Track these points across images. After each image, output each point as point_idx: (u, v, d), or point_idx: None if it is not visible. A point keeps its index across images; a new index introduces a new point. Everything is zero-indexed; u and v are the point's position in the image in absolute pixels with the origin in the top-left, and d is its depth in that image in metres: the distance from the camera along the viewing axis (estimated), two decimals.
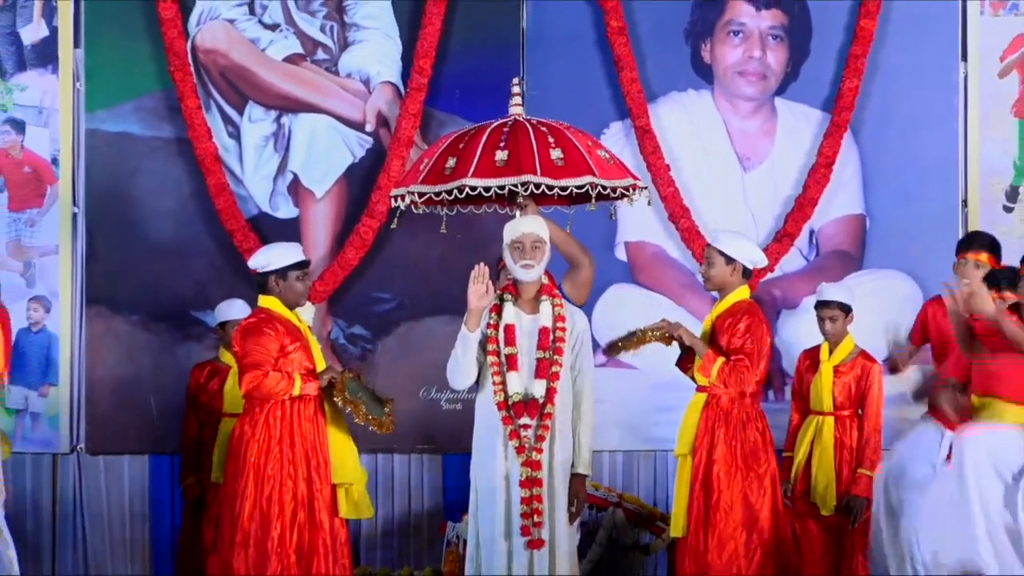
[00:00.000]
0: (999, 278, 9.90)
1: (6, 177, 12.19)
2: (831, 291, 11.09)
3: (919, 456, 10.54)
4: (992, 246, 10.38)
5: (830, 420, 10.89)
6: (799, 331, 11.73)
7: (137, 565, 12.23)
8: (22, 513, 12.15)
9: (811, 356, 11.04)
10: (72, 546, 12.23)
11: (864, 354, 11.00)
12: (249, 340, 10.04)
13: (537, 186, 9.48)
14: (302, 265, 10.25)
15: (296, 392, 10.03)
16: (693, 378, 10.27)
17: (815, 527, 10.98)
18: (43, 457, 12.19)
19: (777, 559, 10.17)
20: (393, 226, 10.27)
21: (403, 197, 9.97)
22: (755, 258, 10.31)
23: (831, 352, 10.98)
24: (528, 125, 9.84)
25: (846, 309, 10.95)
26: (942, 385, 9.57)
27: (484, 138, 9.80)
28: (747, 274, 10.14)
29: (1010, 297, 9.44)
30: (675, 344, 10.34)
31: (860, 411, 11.07)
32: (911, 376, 11.35)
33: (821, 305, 10.99)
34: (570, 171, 9.59)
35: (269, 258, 10.20)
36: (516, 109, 10.05)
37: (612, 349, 10.35)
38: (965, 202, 12.14)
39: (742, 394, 10.02)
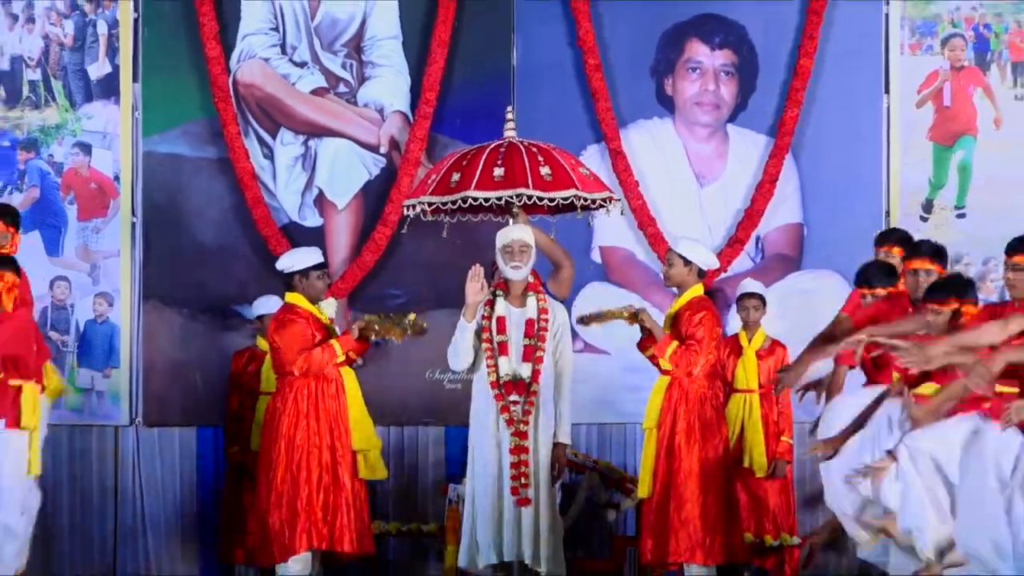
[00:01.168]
0: (870, 277, 9.58)
1: (76, 192, 12.10)
2: (753, 285, 11.34)
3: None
4: (937, 254, 9.66)
5: (756, 397, 11.01)
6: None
7: (188, 520, 12.12)
8: (88, 476, 12.11)
9: (730, 344, 11.11)
10: (131, 506, 12.12)
11: (776, 341, 11.13)
12: (286, 332, 10.13)
13: (529, 197, 9.57)
14: (321, 266, 10.36)
15: (340, 356, 10.16)
16: (650, 358, 10.24)
17: (745, 487, 10.95)
18: (106, 429, 12.09)
19: (728, 516, 10.14)
20: (404, 230, 10.36)
21: (415, 207, 10.04)
22: (709, 261, 10.36)
23: (749, 340, 11.09)
24: (521, 146, 9.95)
25: (764, 300, 11.11)
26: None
27: (484, 157, 9.93)
28: (702, 274, 10.15)
29: (880, 292, 9.36)
30: (636, 326, 10.24)
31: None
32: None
33: (745, 296, 11.18)
34: (558, 185, 9.71)
35: (293, 260, 10.31)
36: (510, 132, 10.18)
37: (583, 320, 10.33)
38: (888, 213, 12.10)
39: (689, 374, 10.00)
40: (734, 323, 11.49)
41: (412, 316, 10.31)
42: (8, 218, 10.45)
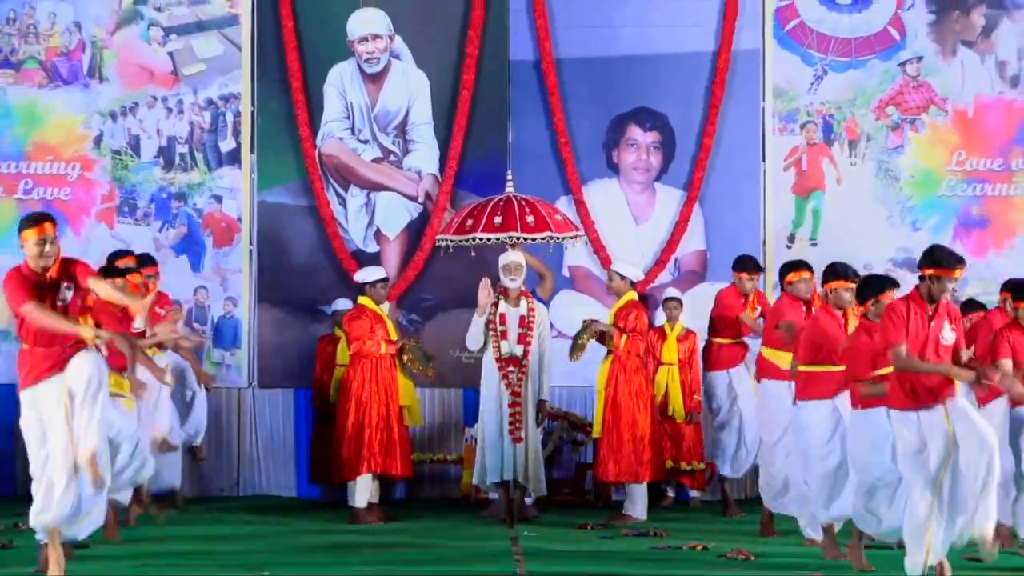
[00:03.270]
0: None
1: (211, 228, 12.03)
2: (673, 292, 11.44)
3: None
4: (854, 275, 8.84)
5: (676, 368, 11.08)
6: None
7: (287, 451, 12.13)
8: (222, 421, 12.00)
9: (658, 332, 11.14)
10: (249, 441, 12.11)
11: (689, 330, 11.20)
12: (355, 324, 10.39)
13: (519, 238, 10.05)
14: (384, 280, 10.63)
15: (383, 352, 10.28)
16: (605, 344, 10.39)
17: (668, 429, 11.04)
18: (233, 390, 12.07)
19: (654, 452, 10.41)
20: (442, 255, 10.66)
21: (443, 242, 10.46)
22: (636, 275, 10.69)
23: (671, 329, 11.15)
24: (514, 200, 10.36)
25: (681, 302, 11.20)
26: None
27: (488, 208, 10.35)
28: (633, 284, 10.44)
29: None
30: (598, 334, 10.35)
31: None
32: None
33: (668, 300, 11.23)
34: (538, 228, 10.16)
35: (365, 275, 10.61)
36: (509, 189, 10.52)
37: (573, 353, 10.41)
38: (764, 243, 12.01)
39: (629, 353, 10.23)
40: (661, 317, 11.31)
41: (432, 363, 10.53)
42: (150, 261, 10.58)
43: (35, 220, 7.35)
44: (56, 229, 7.38)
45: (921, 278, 7.38)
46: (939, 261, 7.31)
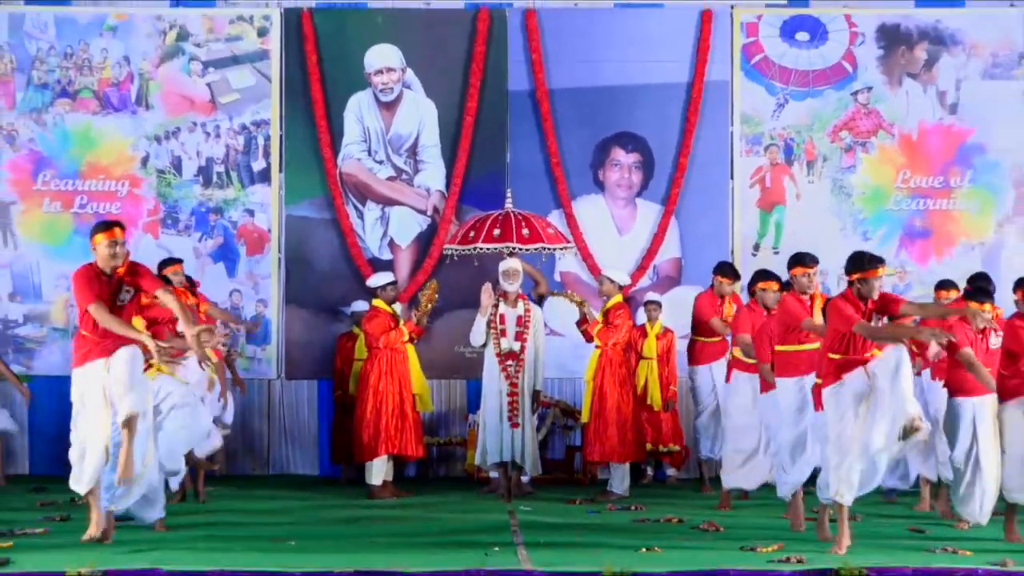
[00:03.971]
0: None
1: (245, 239, 12.00)
2: (653, 295, 11.37)
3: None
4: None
5: (655, 362, 11.04)
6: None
7: (310, 435, 12.07)
8: (254, 407, 11.97)
9: (640, 330, 11.08)
10: (278, 426, 12.08)
11: (668, 328, 11.16)
12: (372, 323, 10.46)
13: (515, 249, 10.15)
14: (394, 283, 10.67)
15: (405, 336, 10.34)
16: (584, 334, 10.44)
17: (648, 416, 10.97)
18: (264, 381, 12.02)
19: (636, 436, 10.44)
20: (448, 262, 10.80)
21: (449, 251, 10.61)
22: (624, 279, 10.73)
23: (652, 327, 11.11)
24: (512, 215, 10.43)
25: (660, 304, 11.16)
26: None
27: (488, 221, 10.47)
28: (620, 288, 10.51)
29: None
30: (575, 309, 10.47)
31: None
32: None
33: (649, 302, 11.21)
34: (532, 240, 10.25)
35: (375, 280, 10.65)
36: (508, 205, 10.58)
37: (551, 294, 10.69)
38: (732, 251, 11.94)
39: (606, 344, 10.25)
40: (641, 317, 11.28)
41: (433, 295, 10.61)
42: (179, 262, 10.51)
43: (107, 225, 7.59)
44: (125, 234, 7.58)
45: (850, 283, 7.54)
46: (862, 265, 7.48)
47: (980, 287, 8.50)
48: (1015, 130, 12.09)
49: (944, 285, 9.74)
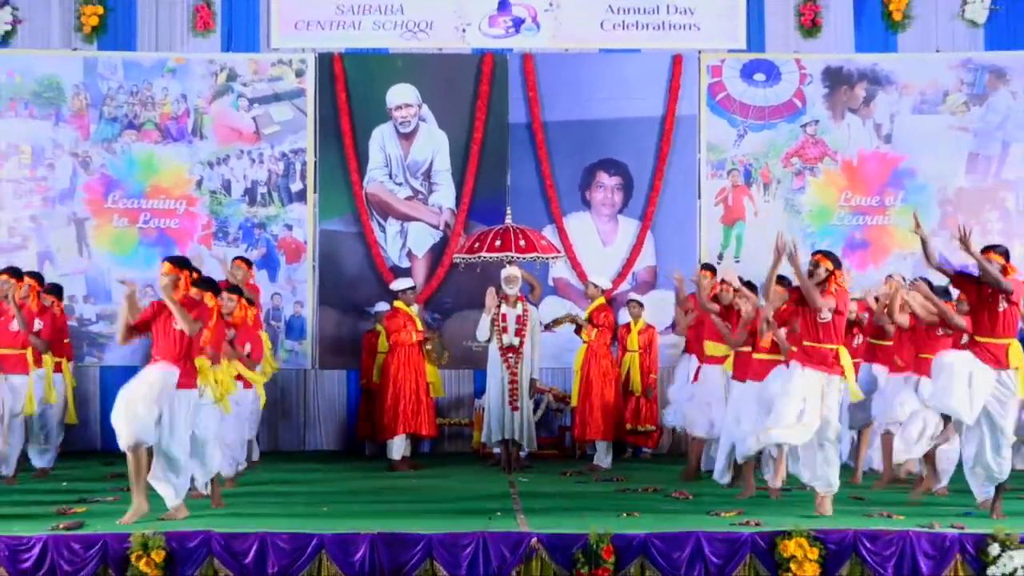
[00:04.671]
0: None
1: (284, 250, 11.95)
2: (635, 296, 11.31)
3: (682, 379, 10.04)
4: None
5: (637, 355, 10.99)
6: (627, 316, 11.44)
7: (339, 416, 12.04)
8: (291, 392, 11.98)
9: (624, 327, 11.05)
10: (313, 408, 12.04)
11: (649, 325, 11.12)
12: (392, 321, 10.52)
13: (514, 258, 10.14)
14: (412, 287, 10.71)
15: (413, 340, 10.34)
16: (576, 333, 10.49)
17: (630, 401, 10.99)
18: (300, 371, 11.99)
19: (617, 417, 10.47)
20: (458, 269, 10.79)
21: (458, 260, 10.64)
22: (607, 284, 10.80)
23: (634, 324, 11.06)
24: (511, 229, 10.46)
25: (642, 304, 11.10)
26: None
27: (491, 234, 10.50)
28: (602, 291, 10.56)
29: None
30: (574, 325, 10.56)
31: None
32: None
33: (631, 302, 11.15)
34: (528, 250, 10.30)
35: (397, 284, 10.70)
36: (508, 220, 10.60)
37: (549, 326, 10.60)
38: (699, 260, 11.61)
39: (598, 344, 10.31)
40: (624, 315, 11.25)
41: (447, 354, 10.70)
42: (247, 261, 10.75)
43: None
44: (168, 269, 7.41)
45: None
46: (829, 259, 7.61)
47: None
48: (940, 157, 12.11)
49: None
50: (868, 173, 12.20)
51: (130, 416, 7.06)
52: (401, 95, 12.16)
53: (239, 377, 8.50)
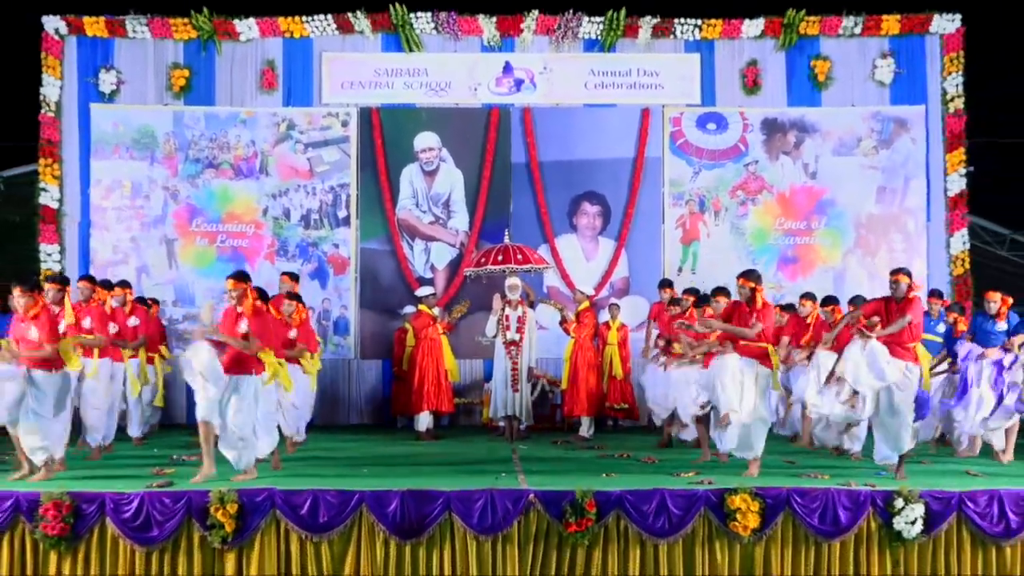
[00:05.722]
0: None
1: (333, 263, 11.88)
2: (616, 301, 11.32)
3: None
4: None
5: (616, 347, 10.87)
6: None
7: (376, 395, 11.99)
8: (338, 376, 11.84)
9: (606, 325, 10.93)
10: (356, 388, 11.99)
11: (624, 324, 11.02)
12: (417, 321, 10.41)
13: (514, 270, 9.97)
14: (433, 294, 10.61)
15: (440, 332, 10.31)
16: (564, 329, 10.37)
17: (609, 384, 10.86)
18: (345, 360, 11.91)
19: (599, 397, 10.40)
20: (469, 279, 10.67)
21: (469, 272, 10.48)
22: (589, 291, 10.66)
23: (613, 322, 10.97)
24: (510, 247, 10.29)
25: (619, 307, 11.05)
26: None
27: (495, 251, 10.32)
28: (587, 296, 10.43)
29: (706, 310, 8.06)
30: (557, 313, 10.52)
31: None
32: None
33: (611, 305, 11.10)
34: (524, 262, 10.11)
35: (421, 292, 10.65)
36: (506, 239, 10.47)
37: (542, 301, 10.58)
38: (663, 273, 11.71)
39: (577, 336, 10.18)
40: (605, 315, 11.11)
41: (464, 307, 10.80)
42: (292, 275, 9.93)
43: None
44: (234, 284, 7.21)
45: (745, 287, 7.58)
46: (750, 277, 7.53)
47: (830, 297, 8.71)
48: (854, 190, 12.08)
49: (806, 295, 9.73)
50: (797, 203, 12.18)
51: (201, 397, 7.00)
52: (425, 141, 12.15)
53: (293, 361, 8.33)
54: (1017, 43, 14.39)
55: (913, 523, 6.47)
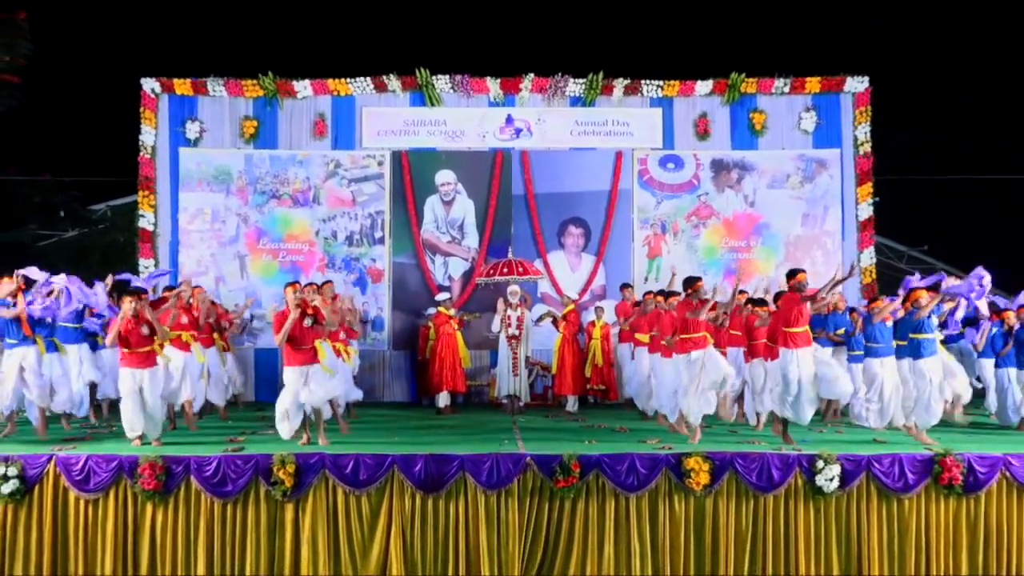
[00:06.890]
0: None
1: (371, 274, 11.74)
2: (600, 303, 11.10)
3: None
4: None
5: (599, 341, 10.71)
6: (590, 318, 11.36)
7: (405, 376, 11.83)
8: (373, 362, 11.55)
9: (591, 324, 10.79)
10: (389, 370, 11.82)
11: (607, 323, 10.85)
12: (438, 319, 10.30)
13: (514, 279, 9.88)
14: (449, 299, 10.56)
15: (455, 328, 10.23)
16: (554, 325, 10.36)
17: (593, 370, 10.74)
18: (380, 351, 11.75)
19: (582, 380, 10.32)
20: (479, 287, 10.60)
21: (480, 281, 10.38)
22: (575, 296, 10.65)
23: (598, 321, 10.84)
24: (512, 261, 10.23)
25: (603, 309, 10.91)
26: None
27: (499, 264, 10.26)
28: (573, 300, 10.45)
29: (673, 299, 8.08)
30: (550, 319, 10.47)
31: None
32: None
33: (597, 308, 10.94)
34: (523, 274, 10.05)
35: (441, 296, 10.61)
36: (509, 255, 10.41)
37: (538, 321, 10.51)
38: (631, 281, 11.61)
39: (566, 333, 10.15)
40: (590, 315, 10.97)
41: (476, 315, 10.62)
42: (319, 286, 9.41)
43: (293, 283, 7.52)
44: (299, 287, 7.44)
45: (686, 292, 7.64)
46: (690, 283, 7.65)
47: (757, 299, 8.58)
48: (784, 217, 11.98)
49: (752, 301, 9.47)
50: (739, 226, 12.09)
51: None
52: (444, 177, 12.03)
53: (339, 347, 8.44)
54: (916, 99, 15.03)
55: (832, 480, 6.56)
